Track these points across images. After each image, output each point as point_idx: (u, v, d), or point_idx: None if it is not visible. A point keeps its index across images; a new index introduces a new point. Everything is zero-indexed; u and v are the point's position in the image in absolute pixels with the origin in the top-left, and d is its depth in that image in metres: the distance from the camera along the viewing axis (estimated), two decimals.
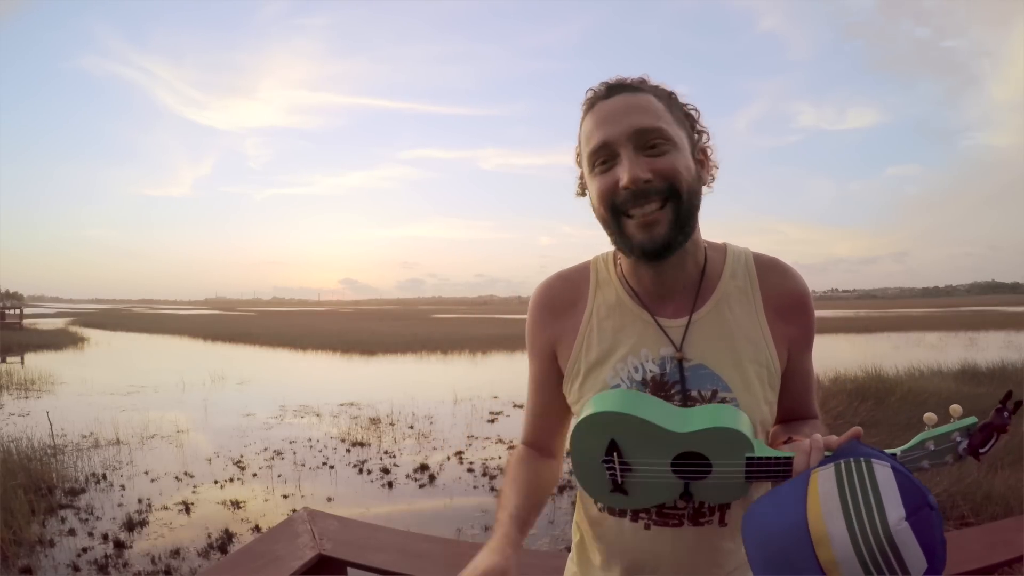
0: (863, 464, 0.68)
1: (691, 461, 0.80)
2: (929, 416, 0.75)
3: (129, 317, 54.61)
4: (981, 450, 0.73)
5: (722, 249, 0.92)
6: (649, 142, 0.80)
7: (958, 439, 0.74)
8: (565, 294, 0.94)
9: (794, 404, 0.94)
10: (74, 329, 34.71)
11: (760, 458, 0.78)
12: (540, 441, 1.01)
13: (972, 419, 0.75)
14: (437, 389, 11.53)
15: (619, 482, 0.83)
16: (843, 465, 0.68)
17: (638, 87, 0.84)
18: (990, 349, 17.28)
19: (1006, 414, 0.73)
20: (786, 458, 0.76)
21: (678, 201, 0.80)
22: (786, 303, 0.88)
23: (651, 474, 0.82)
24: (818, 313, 0.94)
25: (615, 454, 0.81)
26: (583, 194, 0.91)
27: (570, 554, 1.05)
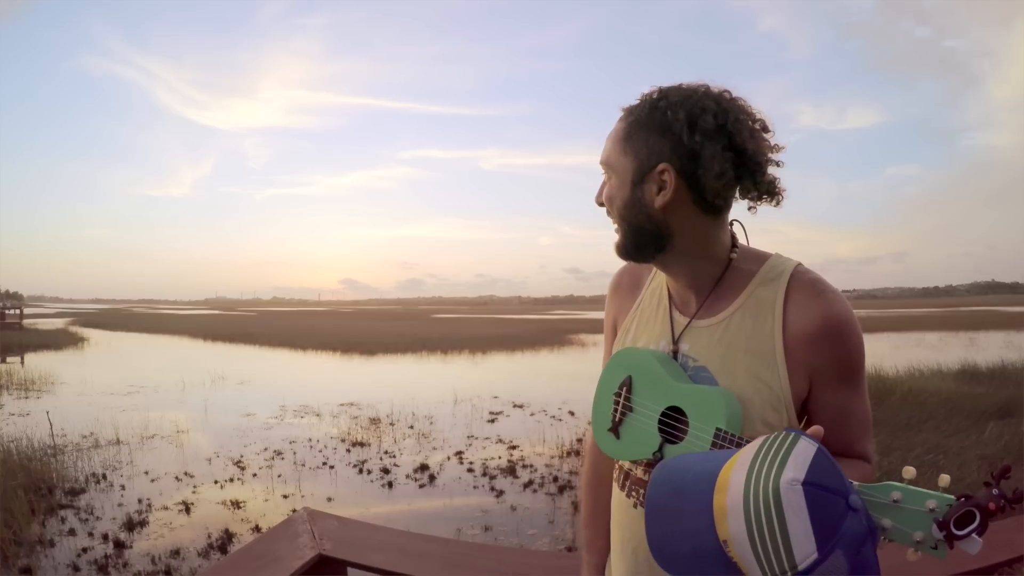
0: (792, 435, 0.65)
1: (675, 418, 0.87)
2: (908, 469, 0.66)
3: (129, 317, 54.61)
4: (957, 531, 0.60)
5: (761, 259, 0.90)
6: (605, 171, 0.92)
7: (933, 507, 0.62)
8: (631, 279, 1.06)
9: (828, 440, 0.78)
10: (74, 329, 34.70)
11: (728, 433, 0.79)
12: None
13: (952, 497, 0.63)
14: (437, 389, 11.54)
15: (616, 419, 0.93)
16: (774, 434, 0.67)
17: (626, 115, 0.89)
18: (990, 349, 17.29)
19: (996, 492, 0.59)
20: (749, 441, 0.75)
21: (623, 221, 0.90)
22: (810, 327, 0.83)
23: (642, 420, 0.90)
24: None
25: (625, 390, 0.92)
26: None
27: None
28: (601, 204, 0.93)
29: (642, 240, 0.88)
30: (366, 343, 22.10)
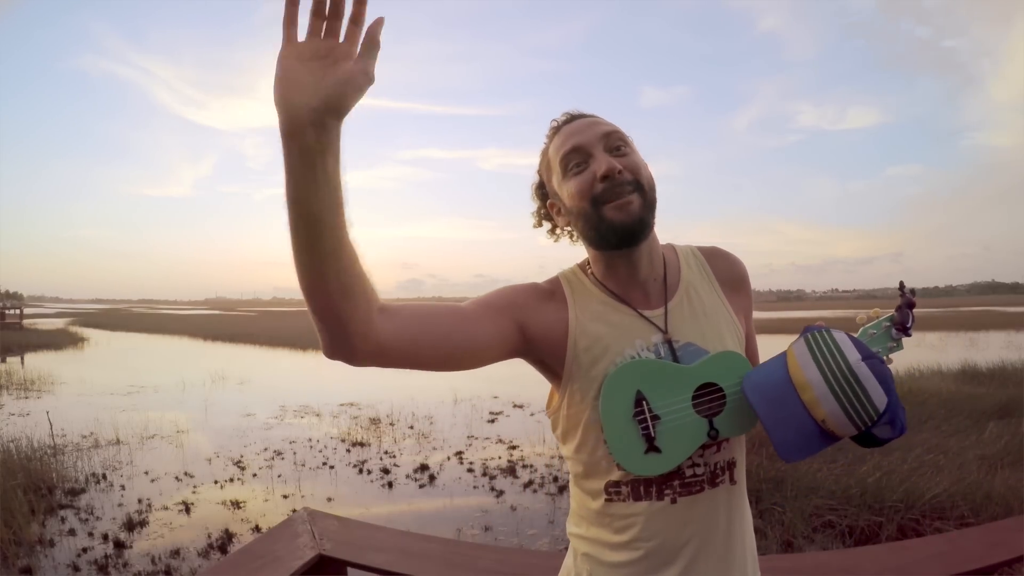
0: (823, 331, 0.89)
1: (708, 394, 0.92)
2: (861, 317, 0.98)
3: (129, 317, 54.63)
4: (907, 325, 0.95)
5: (671, 248, 1.07)
6: (615, 144, 0.95)
7: (887, 324, 0.97)
8: (544, 292, 1.01)
9: (750, 358, 1.08)
10: (74, 329, 34.69)
11: None
12: (398, 312, 0.82)
13: (891, 313, 0.97)
14: (437, 389, 11.53)
15: (652, 436, 0.90)
16: (808, 335, 0.90)
17: (593, 115, 1.00)
18: (990, 349, 17.27)
19: (909, 291, 0.96)
20: None
21: (643, 190, 0.94)
22: (735, 280, 1.05)
23: (678, 416, 0.91)
24: (818, 313, 0.99)
25: (644, 403, 0.91)
26: (540, 225, 1.08)
27: (568, 564, 1.06)
28: (619, 172, 0.91)
29: (652, 214, 0.96)
30: None
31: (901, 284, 0.98)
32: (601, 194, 0.92)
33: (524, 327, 0.96)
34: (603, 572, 0.98)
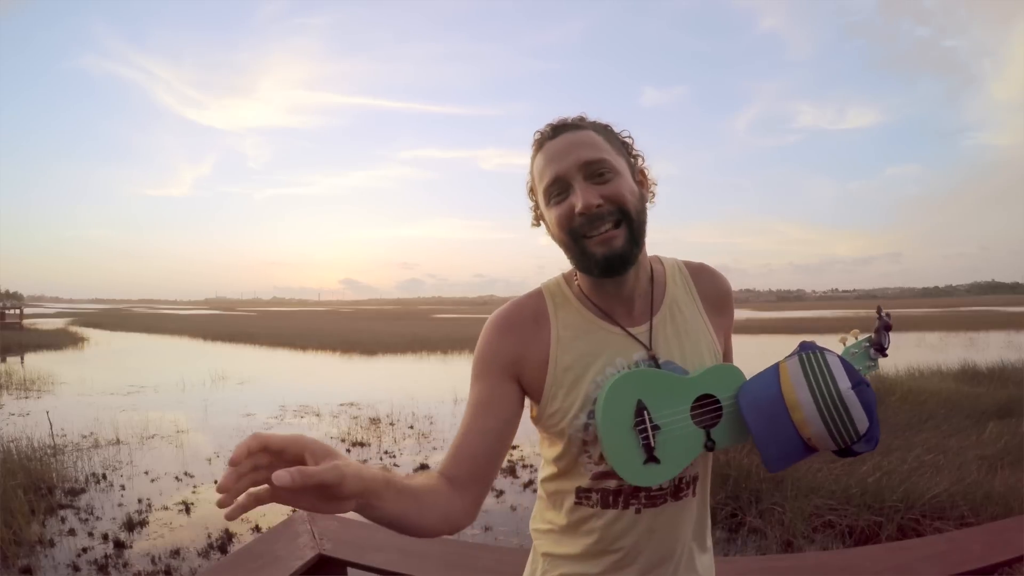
0: (818, 353, 0.93)
1: (705, 405, 0.93)
2: (843, 337, 1.03)
3: (129, 317, 54.63)
4: (884, 346, 1.00)
5: (658, 260, 1.05)
6: (596, 171, 0.90)
7: (867, 345, 1.01)
8: (527, 318, 0.98)
9: None
10: (74, 329, 34.71)
11: None
12: (462, 475, 0.91)
13: (870, 335, 1.02)
14: (437, 389, 11.53)
15: (652, 446, 0.90)
16: (803, 355, 0.93)
17: (579, 125, 0.94)
18: (990, 349, 17.28)
19: (885, 314, 1.02)
20: None
21: (629, 220, 0.91)
22: (718, 299, 1.04)
23: (677, 426, 0.91)
24: (818, 313, 0.98)
25: (645, 413, 0.90)
26: (538, 224, 1.03)
27: (531, 560, 1.07)
28: (598, 206, 0.88)
29: (641, 238, 0.93)
30: (366, 343, 22.09)
31: (879, 308, 1.04)
32: (580, 227, 0.90)
33: (519, 377, 0.97)
34: (562, 571, 1.00)
